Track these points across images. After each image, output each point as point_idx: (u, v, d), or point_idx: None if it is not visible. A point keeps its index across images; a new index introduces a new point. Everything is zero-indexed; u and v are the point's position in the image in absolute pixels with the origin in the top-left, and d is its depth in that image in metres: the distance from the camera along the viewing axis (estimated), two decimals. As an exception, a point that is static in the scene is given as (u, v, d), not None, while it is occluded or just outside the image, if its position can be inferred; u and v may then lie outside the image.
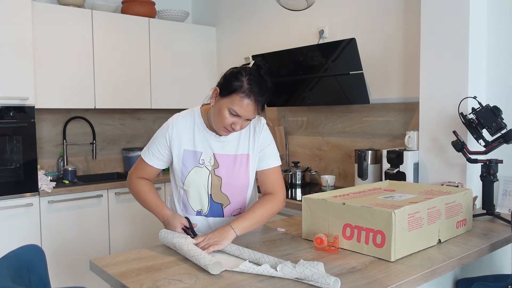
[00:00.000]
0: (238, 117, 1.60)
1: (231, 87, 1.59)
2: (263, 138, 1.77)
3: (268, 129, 1.81)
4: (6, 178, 2.94)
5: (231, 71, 1.64)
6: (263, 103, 1.62)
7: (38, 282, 1.51)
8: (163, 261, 1.47)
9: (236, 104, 1.58)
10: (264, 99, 1.62)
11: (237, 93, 1.57)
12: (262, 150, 1.77)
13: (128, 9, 3.75)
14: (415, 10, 2.62)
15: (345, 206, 1.56)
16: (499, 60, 2.28)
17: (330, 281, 1.21)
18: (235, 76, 1.60)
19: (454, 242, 1.66)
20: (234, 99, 1.58)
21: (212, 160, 1.73)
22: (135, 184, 1.81)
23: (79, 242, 3.23)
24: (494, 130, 2.01)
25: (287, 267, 1.29)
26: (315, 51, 2.95)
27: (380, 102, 2.88)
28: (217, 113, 1.63)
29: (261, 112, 1.66)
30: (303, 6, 2.14)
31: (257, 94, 1.58)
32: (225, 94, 1.61)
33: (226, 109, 1.60)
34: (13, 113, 2.96)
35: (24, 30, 2.99)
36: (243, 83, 1.58)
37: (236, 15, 3.96)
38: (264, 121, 1.81)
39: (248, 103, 1.58)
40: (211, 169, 1.73)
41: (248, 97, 1.57)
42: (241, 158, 1.75)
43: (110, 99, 3.57)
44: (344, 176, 3.10)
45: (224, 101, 1.60)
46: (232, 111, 1.59)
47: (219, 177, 1.74)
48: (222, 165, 1.74)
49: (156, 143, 1.76)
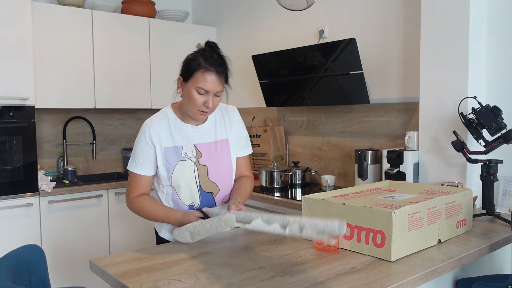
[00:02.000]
0: (207, 94, 1.67)
1: (190, 69, 1.68)
2: (238, 124, 1.88)
3: (239, 115, 1.91)
4: (6, 178, 2.94)
5: (187, 57, 1.73)
6: (225, 74, 1.71)
7: (38, 282, 1.51)
8: (163, 261, 1.47)
9: (200, 81, 1.65)
10: (224, 70, 1.70)
11: (198, 71, 1.66)
12: (241, 139, 1.88)
13: (128, 9, 3.75)
14: (415, 10, 2.62)
15: (345, 206, 1.56)
16: (499, 60, 2.28)
17: (335, 226, 1.24)
18: (191, 59, 1.69)
19: (454, 242, 1.66)
20: (197, 77, 1.66)
21: (194, 151, 1.77)
22: (135, 203, 1.77)
23: (79, 242, 3.23)
24: (494, 130, 2.01)
25: (294, 228, 1.37)
26: (315, 51, 2.95)
27: (380, 102, 2.88)
28: (187, 98, 1.70)
29: (225, 84, 1.73)
30: (303, 6, 2.14)
31: (216, 66, 1.67)
32: (187, 77, 1.69)
33: (193, 90, 1.67)
34: (13, 113, 2.96)
35: (24, 30, 2.99)
36: (199, 61, 1.67)
37: (236, 15, 3.96)
38: (234, 107, 1.91)
39: (210, 75, 1.65)
40: (194, 160, 1.76)
41: (208, 70, 1.65)
42: (221, 144, 1.82)
43: (110, 99, 3.57)
44: (344, 176, 3.10)
45: (189, 84, 1.68)
46: (200, 90, 1.66)
47: (204, 165, 1.77)
48: (204, 153, 1.78)
49: (139, 151, 1.76)
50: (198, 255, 1.52)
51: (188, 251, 1.57)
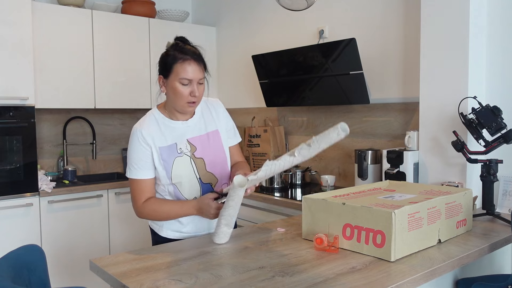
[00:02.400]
0: (191, 83, 1.69)
1: (168, 64, 1.70)
2: (224, 115, 1.90)
3: (223, 105, 1.94)
4: (6, 178, 2.94)
5: (161, 55, 1.75)
6: (203, 61, 1.72)
7: (38, 282, 1.51)
8: (163, 261, 1.47)
9: (181, 72, 1.67)
10: (200, 57, 1.71)
11: (176, 64, 1.68)
12: (229, 129, 1.92)
13: (128, 9, 3.75)
14: (415, 10, 2.62)
15: (345, 206, 1.56)
16: (499, 60, 2.28)
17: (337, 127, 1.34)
18: (166, 55, 1.72)
19: (454, 242, 1.66)
20: (176, 70, 1.68)
21: (188, 146, 1.78)
22: (144, 208, 1.74)
23: (79, 242, 3.23)
24: (494, 130, 2.01)
25: (304, 149, 1.39)
26: (315, 51, 2.95)
27: (380, 102, 2.88)
28: (172, 93, 1.71)
29: (205, 72, 1.73)
30: (303, 6, 2.14)
31: (191, 54, 1.69)
32: (167, 73, 1.70)
33: (176, 83, 1.68)
34: (13, 113, 2.96)
35: (24, 30, 2.99)
36: (175, 54, 1.69)
37: (236, 15, 3.96)
38: (217, 99, 1.94)
39: (189, 64, 1.67)
40: (190, 154, 1.78)
41: (185, 59, 1.67)
42: (212, 135, 1.84)
43: (110, 99, 3.57)
44: (344, 176, 3.10)
45: (171, 79, 1.70)
46: (183, 81, 1.68)
47: (200, 158, 1.79)
48: (198, 146, 1.80)
49: (135, 156, 1.73)
50: (198, 255, 1.52)
51: (188, 251, 1.57)
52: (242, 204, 2.03)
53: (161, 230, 1.86)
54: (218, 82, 4.17)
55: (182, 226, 1.82)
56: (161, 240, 1.84)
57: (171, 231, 1.84)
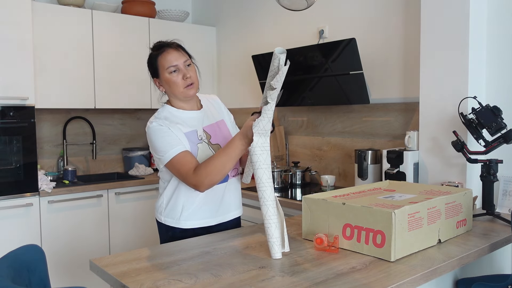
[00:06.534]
0: (179, 69, 1.78)
1: (152, 64, 1.82)
2: (224, 108, 2.01)
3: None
4: (6, 178, 2.94)
5: (146, 62, 1.86)
6: (180, 47, 1.83)
7: (38, 282, 1.51)
8: (163, 261, 1.47)
9: (164, 63, 1.77)
10: (175, 44, 1.82)
11: (158, 59, 1.79)
12: (232, 122, 2.01)
13: (128, 9, 3.75)
14: (415, 10, 2.62)
15: (345, 206, 1.56)
16: (499, 60, 2.28)
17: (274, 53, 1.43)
18: (148, 58, 1.84)
19: (454, 242, 1.66)
20: (161, 64, 1.78)
21: (204, 134, 1.85)
22: (198, 175, 1.65)
23: (79, 242, 3.23)
24: (494, 130, 2.01)
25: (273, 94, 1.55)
26: (315, 51, 2.95)
27: (380, 102, 2.88)
28: (168, 86, 1.80)
29: (188, 56, 1.83)
30: (303, 6, 2.13)
31: (166, 45, 1.81)
32: (156, 72, 1.82)
33: (166, 75, 1.78)
34: (13, 113, 2.96)
35: (24, 30, 2.99)
36: (154, 53, 1.82)
37: (236, 15, 3.96)
38: (215, 95, 2.04)
39: (168, 53, 1.78)
40: (207, 141, 1.83)
41: (164, 51, 1.79)
42: (220, 124, 1.93)
43: (110, 99, 3.57)
44: (344, 176, 3.10)
45: (161, 75, 1.80)
46: (169, 69, 1.77)
47: (217, 144, 1.86)
48: (212, 134, 1.87)
49: (164, 139, 1.70)
50: (198, 255, 1.52)
51: (188, 251, 1.57)
52: (243, 204, 2.03)
53: (179, 221, 1.80)
54: (218, 82, 4.17)
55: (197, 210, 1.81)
56: (177, 237, 1.80)
57: (193, 220, 1.81)
